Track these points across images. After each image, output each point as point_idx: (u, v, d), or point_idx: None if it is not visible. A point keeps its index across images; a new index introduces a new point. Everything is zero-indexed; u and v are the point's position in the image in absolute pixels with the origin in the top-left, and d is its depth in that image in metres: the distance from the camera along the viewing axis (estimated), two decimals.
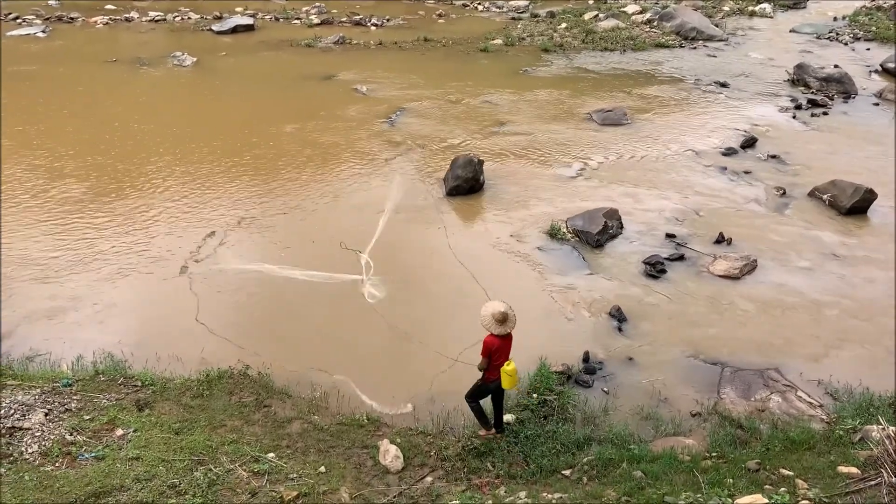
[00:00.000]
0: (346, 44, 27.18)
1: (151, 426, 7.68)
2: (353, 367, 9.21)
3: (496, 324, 7.31)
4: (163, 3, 34.85)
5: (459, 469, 7.48)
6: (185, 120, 18.50)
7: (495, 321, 7.31)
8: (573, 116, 19.34)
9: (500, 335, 7.36)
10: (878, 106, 21.08)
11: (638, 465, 7.30)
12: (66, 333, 9.78)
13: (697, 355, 9.73)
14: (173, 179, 14.69)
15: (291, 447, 7.68)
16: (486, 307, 7.47)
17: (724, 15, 33.61)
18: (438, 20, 32.86)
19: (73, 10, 32.12)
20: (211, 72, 23.20)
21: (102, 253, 11.81)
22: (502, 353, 7.48)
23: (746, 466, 7.08)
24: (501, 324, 7.32)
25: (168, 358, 9.25)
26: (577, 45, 27.61)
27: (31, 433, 7.36)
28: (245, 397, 8.51)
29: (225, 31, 28.77)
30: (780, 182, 15.17)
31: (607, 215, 12.89)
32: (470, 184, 14.23)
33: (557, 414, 8.42)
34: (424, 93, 21.03)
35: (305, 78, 22.47)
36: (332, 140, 17.02)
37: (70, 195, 13.83)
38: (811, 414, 8.56)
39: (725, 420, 8.44)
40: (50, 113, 18.61)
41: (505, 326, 7.34)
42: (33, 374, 8.68)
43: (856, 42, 29.26)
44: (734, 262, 11.79)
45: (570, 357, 9.50)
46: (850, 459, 7.01)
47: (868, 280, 11.64)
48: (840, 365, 9.52)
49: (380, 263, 11.53)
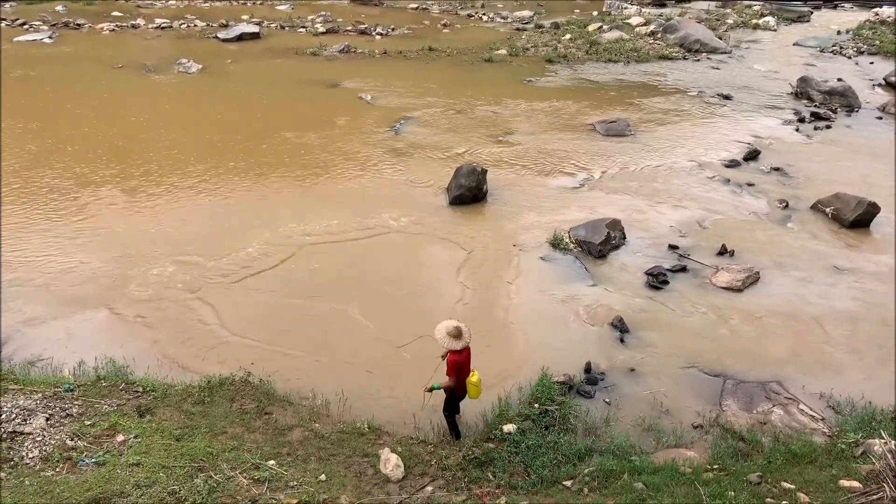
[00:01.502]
0: (351, 52, 27.32)
1: (152, 432, 7.67)
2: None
3: (453, 340, 7.57)
4: (169, 11, 35.11)
5: (460, 479, 7.46)
6: (189, 125, 18.59)
7: (451, 337, 7.57)
8: (577, 127, 19.39)
9: (459, 350, 7.61)
10: (881, 120, 21.12)
11: (639, 476, 7.27)
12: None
13: (699, 367, 9.71)
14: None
15: (292, 455, 7.66)
16: (438, 328, 7.68)
17: (728, 27, 33.78)
18: (443, 30, 33.04)
19: (80, 16, 32.40)
20: (216, 78, 23.33)
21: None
22: (465, 367, 7.75)
23: (748, 479, 7.05)
24: (457, 338, 7.60)
25: (171, 365, 9.27)
26: (582, 57, 27.74)
27: (32, 438, 7.36)
28: (246, 404, 8.50)
29: (231, 39, 28.97)
30: (783, 194, 15.18)
31: (610, 226, 12.90)
32: (473, 193, 14.26)
33: (559, 424, 8.40)
34: (429, 102, 21.11)
35: (311, 86, 22.58)
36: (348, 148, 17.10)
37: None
38: (813, 427, 8.52)
39: (727, 432, 8.41)
40: (53, 112, 18.71)
41: (461, 340, 7.62)
42: (35, 378, 8.68)
43: (859, 56, 29.37)
44: (737, 274, 11.78)
45: (572, 367, 9.48)
46: (852, 473, 6.98)
47: (870, 293, 11.62)
48: (842, 378, 9.49)
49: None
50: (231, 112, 19.99)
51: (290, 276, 11.53)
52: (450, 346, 7.61)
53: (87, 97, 20.82)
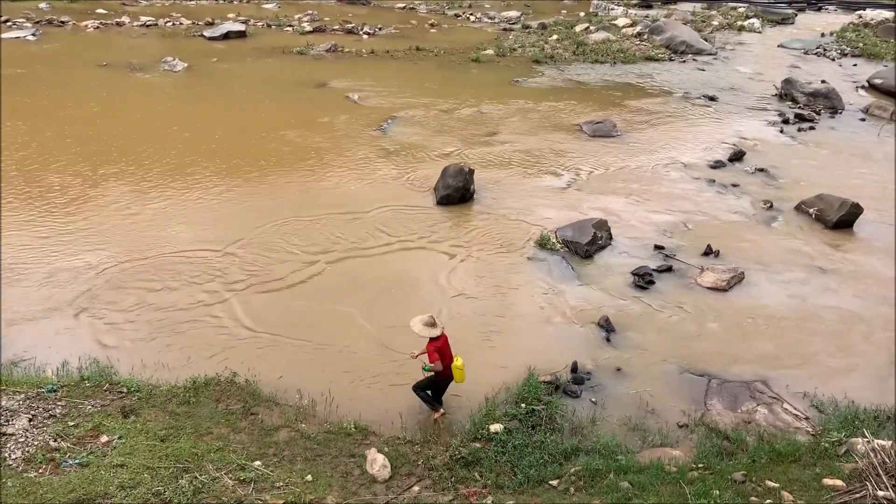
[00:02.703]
0: (338, 52, 27.25)
1: (137, 433, 7.62)
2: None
3: (428, 328, 8.30)
4: (155, 9, 34.86)
5: (447, 478, 7.46)
6: (174, 125, 18.47)
7: (426, 326, 8.30)
8: (563, 127, 19.45)
9: (436, 337, 8.29)
10: (864, 121, 21.34)
11: (625, 475, 7.30)
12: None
13: (685, 366, 9.77)
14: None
15: (278, 455, 7.63)
16: (413, 322, 8.35)
17: (713, 29, 33.99)
18: (431, 30, 33.03)
19: (64, 13, 32.09)
20: (202, 77, 23.19)
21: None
22: (446, 353, 8.40)
23: (732, 478, 7.11)
24: (433, 327, 8.34)
25: (155, 365, 9.21)
26: (569, 57, 27.83)
27: (15, 439, 7.28)
28: (232, 405, 8.46)
29: (217, 37, 28.81)
30: (767, 195, 15.30)
31: (597, 226, 12.95)
32: (460, 193, 14.27)
33: (545, 424, 8.42)
34: (416, 102, 21.10)
35: (298, 85, 22.50)
36: (324, 145, 17.04)
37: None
38: (797, 426, 8.60)
39: (712, 431, 8.47)
40: (31, 113, 18.54)
41: (437, 328, 8.35)
42: (18, 379, 8.59)
43: (843, 58, 29.66)
44: (722, 275, 11.86)
45: (558, 367, 9.51)
46: (836, 472, 7.06)
47: (854, 293, 11.74)
48: (825, 377, 9.58)
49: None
50: (215, 111, 19.88)
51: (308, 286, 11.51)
52: (429, 335, 8.26)
53: (70, 96, 20.61)
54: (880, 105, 22.17)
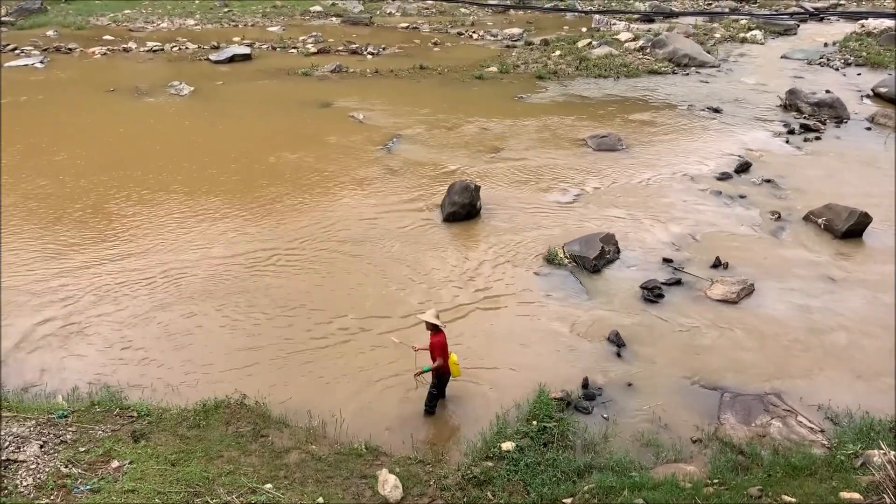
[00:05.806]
0: (342, 72, 27.44)
1: (147, 458, 7.59)
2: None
3: (438, 319, 8.77)
4: (161, 34, 35.24)
5: (459, 499, 7.39)
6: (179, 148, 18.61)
7: (436, 317, 8.76)
8: (568, 142, 19.47)
9: (439, 332, 8.69)
10: (870, 130, 21.27)
11: (639, 492, 7.22)
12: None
13: (697, 380, 9.69)
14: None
15: (289, 478, 7.59)
16: (424, 314, 8.92)
17: (716, 42, 34.05)
18: (434, 48, 33.22)
19: (72, 40, 32.45)
20: (208, 100, 23.38)
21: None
22: (446, 350, 8.74)
23: (748, 493, 7.02)
24: (438, 318, 8.82)
25: (165, 388, 9.21)
26: (572, 73, 27.92)
27: (26, 466, 7.27)
28: (242, 427, 8.43)
29: (222, 61, 29.07)
30: (774, 206, 15.24)
31: (604, 240, 12.92)
32: (467, 209, 14.28)
33: (557, 441, 8.35)
34: (420, 120, 21.19)
35: (303, 105, 22.65)
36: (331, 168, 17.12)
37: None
38: (812, 439, 8.50)
39: (726, 446, 8.37)
40: (38, 138, 18.71)
41: (440, 320, 8.84)
42: (28, 405, 8.60)
43: (847, 67, 29.61)
44: (731, 287, 11.80)
45: (569, 383, 9.44)
46: (852, 485, 6.96)
47: (865, 302, 11.64)
48: (840, 389, 9.47)
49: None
50: (221, 133, 20.02)
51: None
52: (437, 323, 8.70)
53: (77, 122, 20.82)
54: (886, 113, 22.09)
